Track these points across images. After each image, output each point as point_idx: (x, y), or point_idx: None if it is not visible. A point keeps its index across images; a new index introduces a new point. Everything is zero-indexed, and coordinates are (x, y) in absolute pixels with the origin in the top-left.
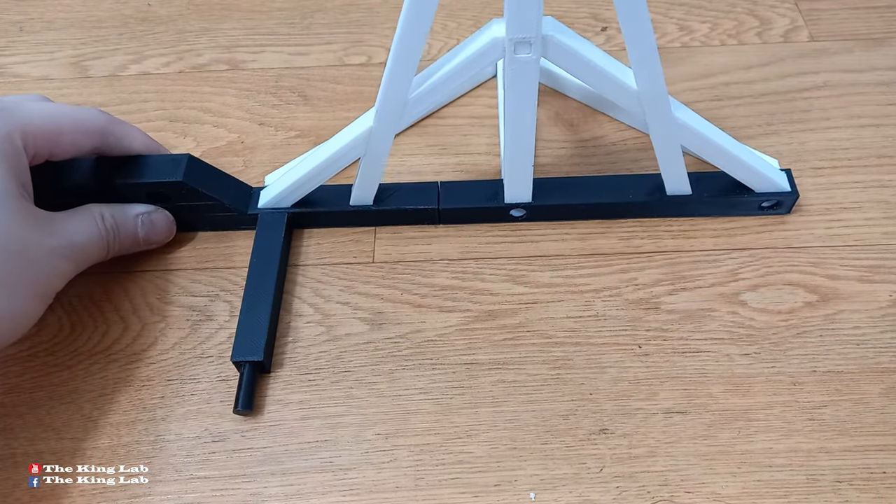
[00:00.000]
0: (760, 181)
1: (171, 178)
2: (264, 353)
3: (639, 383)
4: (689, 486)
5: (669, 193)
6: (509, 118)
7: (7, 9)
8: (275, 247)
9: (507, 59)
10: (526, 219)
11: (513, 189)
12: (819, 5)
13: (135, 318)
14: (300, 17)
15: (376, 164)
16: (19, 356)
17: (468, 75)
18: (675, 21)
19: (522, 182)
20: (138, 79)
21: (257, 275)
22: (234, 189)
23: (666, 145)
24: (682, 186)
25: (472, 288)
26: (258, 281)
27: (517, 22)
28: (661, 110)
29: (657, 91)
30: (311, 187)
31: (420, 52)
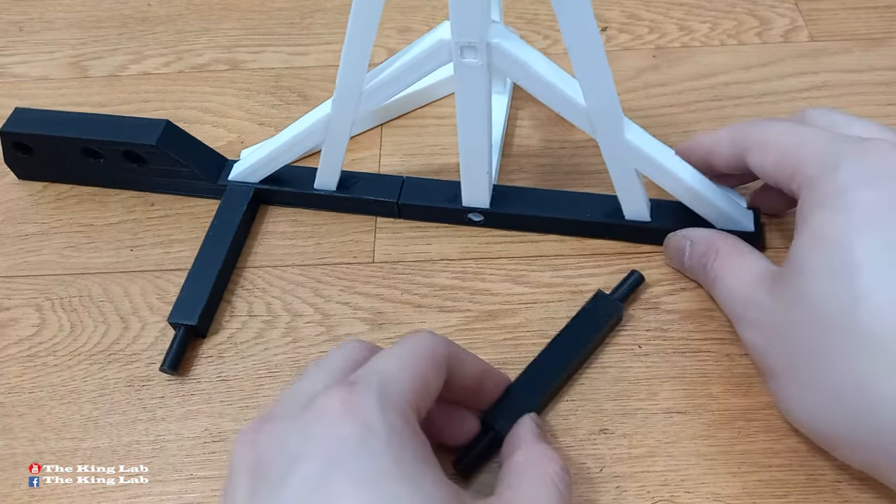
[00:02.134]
0: (720, 217)
1: (146, 142)
2: (199, 318)
3: (639, 383)
4: (689, 486)
5: (627, 217)
6: (461, 123)
7: (7, 9)
8: (234, 218)
9: (455, 63)
10: (483, 224)
11: (470, 193)
12: (819, 5)
13: (135, 318)
14: (300, 17)
15: (336, 151)
16: (19, 356)
17: (419, 73)
18: (675, 21)
19: (478, 187)
20: (138, 79)
21: (211, 243)
22: (207, 159)
23: (619, 168)
24: (639, 212)
25: (472, 288)
26: (210, 249)
27: (461, 25)
28: (611, 131)
29: (607, 109)
30: (276, 166)
31: (370, 45)
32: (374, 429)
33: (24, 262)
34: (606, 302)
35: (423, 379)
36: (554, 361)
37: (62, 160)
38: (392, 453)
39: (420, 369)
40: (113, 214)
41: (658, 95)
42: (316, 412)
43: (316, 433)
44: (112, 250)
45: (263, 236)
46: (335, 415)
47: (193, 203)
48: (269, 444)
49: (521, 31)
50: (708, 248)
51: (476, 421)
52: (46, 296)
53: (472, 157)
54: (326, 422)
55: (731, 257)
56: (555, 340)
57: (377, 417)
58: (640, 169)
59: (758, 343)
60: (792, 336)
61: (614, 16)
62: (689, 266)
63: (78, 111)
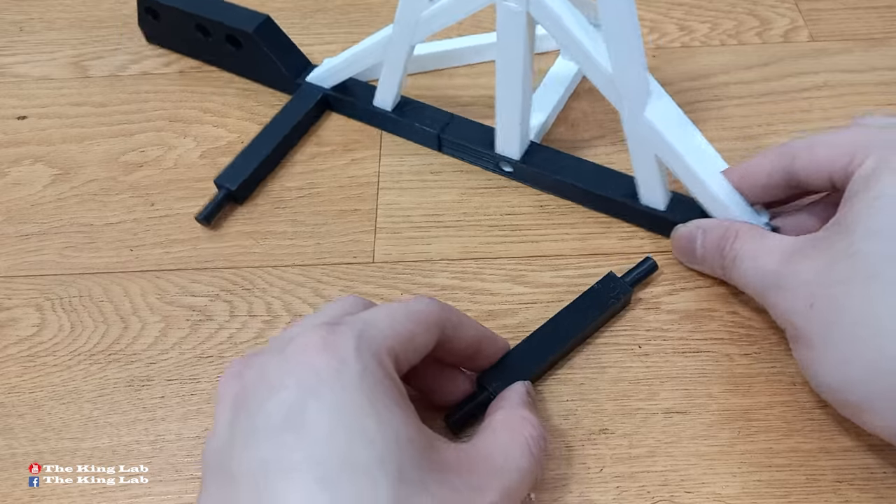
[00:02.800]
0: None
1: (244, 28)
2: (239, 186)
3: (639, 383)
4: (689, 486)
5: (643, 202)
6: (500, 67)
7: (7, 9)
8: (299, 112)
9: (497, 5)
10: (513, 176)
11: (502, 141)
12: (819, 5)
13: (135, 318)
14: (300, 17)
15: (394, 71)
16: (19, 356)
17: (469, 8)
18: (675, 21)
19: (511, 137)
20: (138, 79)
21: (272, 127)
22: (295, 59)
23: (638, 148)
24: (654, 199)
25: (472, 288)
26: (269, 132)
27: None
28: (634, 106)
29: (632, 80)
30: (346, 75)
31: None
32: (349, 364)
33: (24, 262)
34: (616, 283)
35: (407, 333)
36: (554, 334)
37: (180, 31)
38: (364, 389)
39: (406, 324)
40: (113, 214)
41: None
42: (297, 347)
43: (294, 365)
44: (112, 250)
45: (263, 236)
46: (313, 349)
47: (194, 203)
48: (252, 376)
49: None
50: (725, 232)
51: (469, 382)
52: (46, 296)
53: (506, 105)
54: (305, 355)
55: (753, 237)
56: (559, 314)
57: (352, 355)
58: (658, 154)
59: (795, 307)
60: (838, 294)
61: None
62: (701, 255)
63: (78, 110)
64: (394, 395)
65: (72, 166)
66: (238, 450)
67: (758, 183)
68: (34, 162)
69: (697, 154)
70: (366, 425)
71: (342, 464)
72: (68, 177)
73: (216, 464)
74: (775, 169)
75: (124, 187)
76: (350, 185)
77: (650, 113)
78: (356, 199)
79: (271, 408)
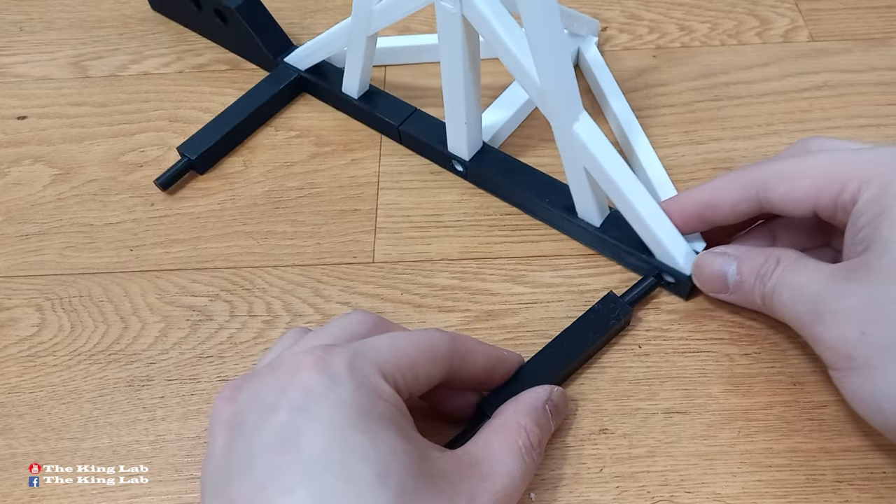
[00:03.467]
0: (659, 249)
1: (229, 4)
2: (198, 157)
3: (639, 383)
4: (689, 486)
5: (580, 216)
6: (443, 67)
7: (7, 9)
8: (270, 91)
9: (436, 4)
10: (464, 176)
11: (452, 139)
12: (819, 5)
13: (135, 318)
14: (300, 17)
15: (355, 58)
16: (19, 356)
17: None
18: (675, 21)
19: (459, 136)
20: (138, 79)
21: (241, 103)
22: (277, 38)
23: (569, 161)
24: (590, 215)
25: (472, 288)
26: (238, 107)
27: None
28: (562, 118)
29: (559, 91)
30: (318, 58)
31: None
32: (341, 383)
33: (24, 262)
34: (616, 303)
35: (409, 362)
36: (555, 359)
37: (178, 1)
38: (357, 406)
39: (410, 353)
40: (113, 214)
41: (658, 95)
42: (290, 368)
43: (287, 385)
44: (112, 250)
45: (263, 236)
46: (306, 369)
47: (194, 203)
48: (247, 400)
49: None
50: (766, 260)
51: (477, 396)
52: (46, 296)
53: (452, 105)
54: (298, 375)
55: (797, 263)
56: (559, 337)
57: (345, 373)
58: (588, 168)
59: (846, 336)
60: (893, 316)
61: (614, 16)
62: (736, 284)
63: (78, 110)
64: (388, 413)
65: (72, 166)
66: (236, 475)
67: (723, 213)
68: (34, 162)
69: (619, 170)
70: (359, 441)
71: (338, 482)
72: (68, 177)
73: (214, 488)
74: (742, 199)
75: (124, 187)
76: (350, 185)
77: (579, 127)
78: (356, 199)
79: (266, 430)
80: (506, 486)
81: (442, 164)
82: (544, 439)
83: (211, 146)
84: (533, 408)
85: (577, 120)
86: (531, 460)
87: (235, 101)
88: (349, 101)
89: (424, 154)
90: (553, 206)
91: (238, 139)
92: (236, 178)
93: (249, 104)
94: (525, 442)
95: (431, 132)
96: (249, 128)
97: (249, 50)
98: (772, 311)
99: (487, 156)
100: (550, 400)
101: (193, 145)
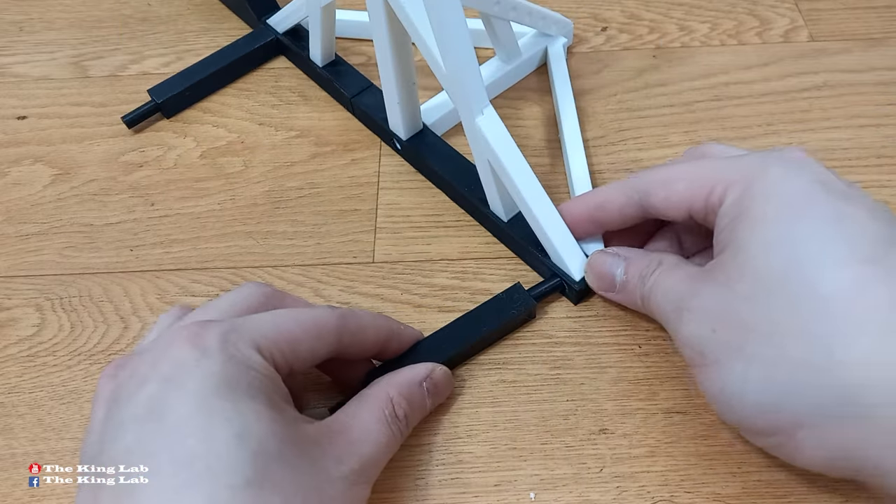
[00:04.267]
0: (552, 252)
1: None
2: (165, 100)
3: (639, 383)
4: (689, 486)
5: (491, 208)
6: (375, 45)
7: (7, 9)
8: (246, 48)
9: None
10: (401, 154)
11: (391, 118)
12: (819, 5)
13: (135, 318)
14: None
15: (316, 25)
16: (19, 356)
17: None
18: (675, 21)
19: (395, 115)
20: (138, 79)
21: (218, 55)
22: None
23: (476, 153)
24: (497, 208)
25: (472, 288)
26: (213, 59)
27: None
28: (466, 109)
29: (462, 81)
30: (291, 22)
31: None
32: (211, 355)
33: (24, 262)
34: (521, 295)
35: (289, 338)
36: (448, 340)
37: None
38: (224, 377)
39: (292, 330)
40: (113, 214)
41: (658, 95)
42: (164, 342)
43: (160, 360)
44: (112, 250)
45: (263, 236)
46: (179, 343)
47: (194, 203)
48: (124, 375)
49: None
50: (650, 262)
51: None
52: (46, 296)
53: (386, 83)
54: (170, 349)
55: (673, 266)
56: (459, 319)
57: (216, 346)
58: (491, 162)
59: (699, 333)
60: (739, 314)
61: (614, 16)
62: (622, 284)
63: (78, 110)
64: (257, 384)
65: (72, 166)
66: (107, 444)
67: (612, 217)
68: (34, 162)
69: (520, 169)
70: (222, 408)
71: (198, 444)
72: (68, 177)
73: (89, 457)
74: (627, 204)
75: (124, 187)
76: (350, 185)
77: (482, 121)
78: (356, 199)
79: (137, 401)
80: (372, 452)
81: (386, 140)
82: (413, 415)
83: (179, 92)
84: (408, 382)
85: (480, 113)
86: (397, 430)
87: (211, 54)
88: (314, 67)
89: (372, 128)
90: (471, 195)
91: (208, 90)
92: (236, 178)
93: (223, 58)
94: (391, 412)
95: (380, 108)
96: (221, 81)
97: (238, 7)
98: (649, 311)
99: (424, 139)
100: (430, 378)
101: (163, 89)
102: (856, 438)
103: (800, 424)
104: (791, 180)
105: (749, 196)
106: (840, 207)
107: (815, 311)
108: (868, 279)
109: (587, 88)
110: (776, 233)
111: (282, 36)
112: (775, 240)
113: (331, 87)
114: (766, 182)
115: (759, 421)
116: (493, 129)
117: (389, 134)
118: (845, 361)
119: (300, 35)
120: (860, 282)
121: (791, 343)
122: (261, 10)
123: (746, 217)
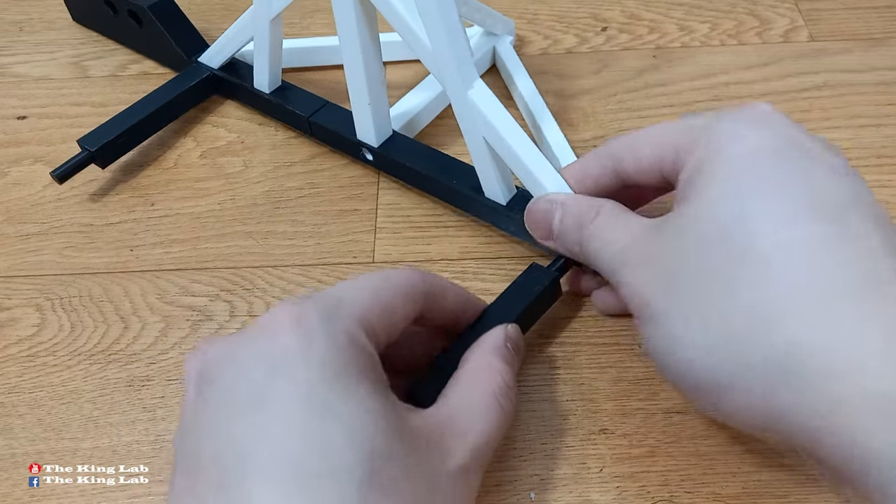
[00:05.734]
0: None
1: (142, 3)
2: (98, 150)
3: (639, 383)
4: (689, 486)
5: (487, 195)
6: (341, 42)
7: (7, 9)
8: (177, 89)
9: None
10: (375, 164)
11: (359, 126)
12: (819, 5)
13: (135, 318)
14: (300, 17)
15: (263, 49)
16: (19, 356)
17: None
18: (675, 21)
19: (365, 123)
20: (138, 79)
21: (148, 99)
22: (191, 38)
23: (469, 133)
24: (495, 192)
25: (472, 288)
26: (144, 104)
27: None
28: (456, 84)
29: (450, 55)
30: (227, 53)
31: None
32: (315, 340)
33: (24, 262)
34: (540, 273)
35: (385, 305)
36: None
37: (93, 7)
38: (330, 363)
39: (385, 296)
40: (113, 214)
41: (658, 95)
42: (263, 325)
43: (261, 343)
44: (112, 250)
45: (263, 236)
46: (280, 327)
47: (194, 203)
48: (216, 354)
49: (521, 31)
50: (587, 208)
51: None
52: (46, 296)
53: (353, 85)
54: (271, 333)
55: (615, 215)
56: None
57: (319, 330)
58: (487, 138)
59: (641, 282)
60: (681, 269)
61: (614, 16)
62: (558, 231)
63: (78, 110)
64: (363, 369)
65: None
66: (204, 431)
67: (591, 185)
68: (34, 162)
69: (524, 140)
70: (330, 399)
71: (307, 442)
72: None
73: (183, 447)
74: (603, 173)
75: (124, 187)
76: (350, 185)
77: (474, 94)
78: (356, 199)
79: (238, 387)
80: (482, 440)
81: (353, 154)
82: (514, 379)
83: (111, 139)
84: (498, 347)
85: (471, 87)
86: (508, 403)
87: (143, 98)
88: (261, 96)
89: (336, 146)
90: (460, 187)
91: (142, 136)
92: (236, 178)
93: (155, 101)
94: (500, 385)
95: (341, 122)
96: (155, 125)
97: (164, 52)
98: (586, 259)
99: (396, 143)
100: (509, 337)
101: (94, 138)
102: (787, 403)
103: (731, 386)
104: (747, 137)
105: (705, 154)
106: (798, 165)
107: (752, 270)
108: (814, 239)
109: (587, 88)
110: (724, 188)
111: (217, 71)
112: (722, 195)
113: (283, 112)
114: (721, 139)
115: (692, 379)
116: (487, 101)
117: (357, 145)
118: (779, 323)
119: (235, 67)
120: (804, 241)
121: (725, 302)
122: (190, 50)
123: (700, 174)
